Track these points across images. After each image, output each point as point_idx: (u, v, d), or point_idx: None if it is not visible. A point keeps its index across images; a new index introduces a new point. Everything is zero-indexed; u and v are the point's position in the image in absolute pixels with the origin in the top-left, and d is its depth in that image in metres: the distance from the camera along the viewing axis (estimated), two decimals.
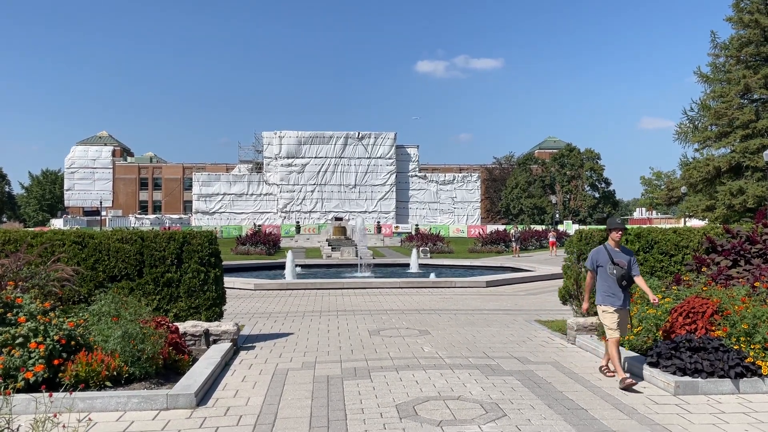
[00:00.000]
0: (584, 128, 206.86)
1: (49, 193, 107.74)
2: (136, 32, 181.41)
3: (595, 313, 10.29)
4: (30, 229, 66.34)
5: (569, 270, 10.91)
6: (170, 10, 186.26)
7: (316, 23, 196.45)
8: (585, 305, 8.07)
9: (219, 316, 10.03)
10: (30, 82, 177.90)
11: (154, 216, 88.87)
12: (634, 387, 6.92)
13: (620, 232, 7.54)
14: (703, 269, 9.60)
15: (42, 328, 6.58)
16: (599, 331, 9.23)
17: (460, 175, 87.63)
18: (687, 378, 6.92)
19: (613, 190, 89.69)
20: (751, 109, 43.48)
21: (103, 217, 77.26)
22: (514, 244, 39.54)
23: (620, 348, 8.20)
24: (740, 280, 8.91)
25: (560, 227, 61.57)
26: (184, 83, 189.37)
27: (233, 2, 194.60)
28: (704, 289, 8.45)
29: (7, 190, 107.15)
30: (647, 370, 7.36)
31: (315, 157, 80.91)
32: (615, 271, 7.37)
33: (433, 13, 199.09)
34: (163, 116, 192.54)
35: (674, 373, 7.06)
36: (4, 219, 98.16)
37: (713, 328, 7.53)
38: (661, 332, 8.00)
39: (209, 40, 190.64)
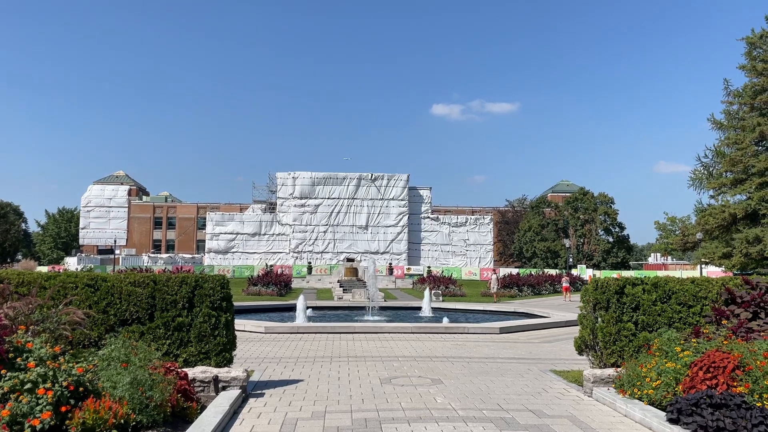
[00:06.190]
0: (598, 172, 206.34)
1: (64, 231, 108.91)
2: (151, 74, 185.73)
3: (613, 364, 10.09)
4: (44, 268, 66.61)
5: (585, 319, 10.71)
6: (184, 53, 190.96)
7: (332, 66, 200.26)
8: None
9: (229, 361, 9.91)
10: (49, 122, 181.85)
11: (167, 255, 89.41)
12: None
13: None
14: (723, 321, 9.39)
15: (51, 373, 6.51)
16: (617, 384, 9.00)
17: (473, 217, 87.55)
18: None
19: (627, 235, 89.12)
20: (766, 157, 43.29)
21: (116, 256, 77.76)
22: (492, 286, 38.85)
23: (638, 402, 7.98)
24: (761, 333, 8.69)
25: (574, 271, 61.01)
26: (200, 124, 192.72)
27: (248, 49, 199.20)
28: (725, 342, 8.23)
29: (23, 228, 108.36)
30: (667, 427, 7.12)
31: (328, 198, 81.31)
32: None
33: (449, 58, 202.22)
34: (179, 156, 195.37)
35: None
36: (20, 257, 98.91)
37: (735, 383, 7.31)
38: (681, 387, 7.78)
39: (225, 81, 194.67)
